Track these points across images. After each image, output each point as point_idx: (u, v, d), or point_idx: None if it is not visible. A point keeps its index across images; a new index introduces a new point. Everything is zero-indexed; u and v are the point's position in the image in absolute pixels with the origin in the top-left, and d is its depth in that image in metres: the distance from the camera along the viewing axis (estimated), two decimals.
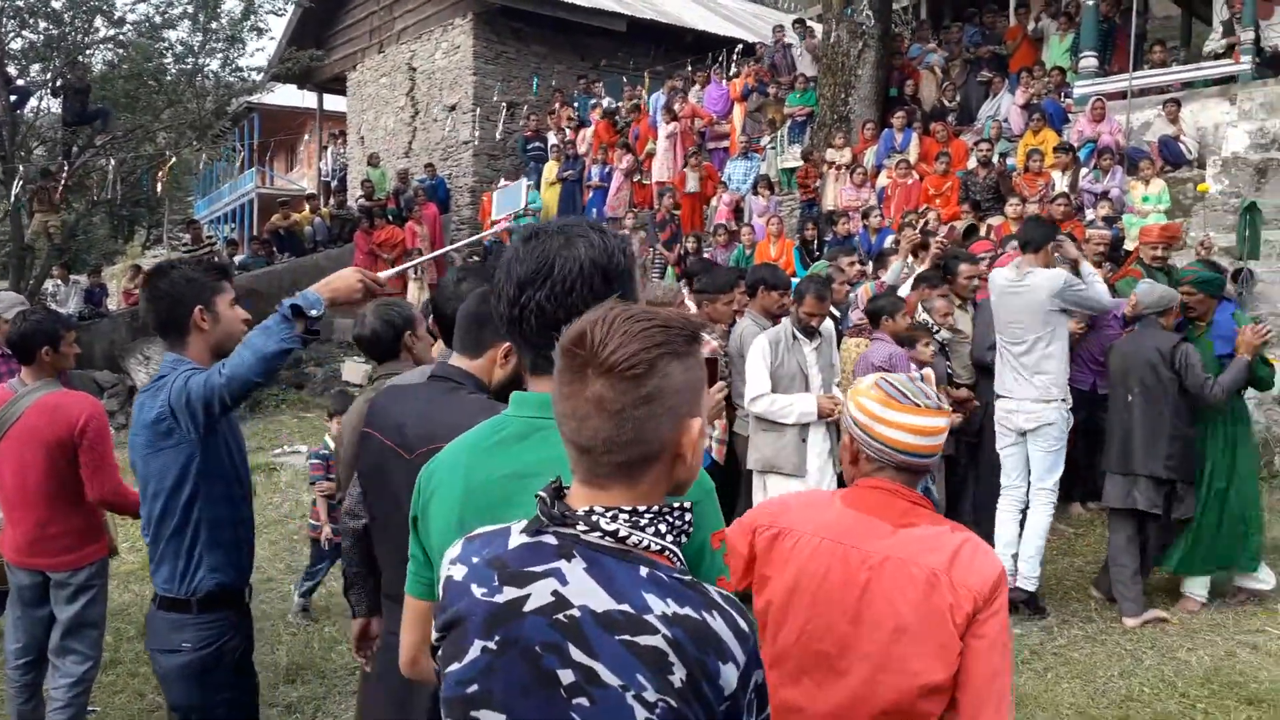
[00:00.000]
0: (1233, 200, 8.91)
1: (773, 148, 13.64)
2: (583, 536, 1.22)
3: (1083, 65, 11.64)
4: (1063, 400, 5.16)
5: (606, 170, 14.42)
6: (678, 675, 1.14)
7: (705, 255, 11.75)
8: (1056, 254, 5.44)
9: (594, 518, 1.22)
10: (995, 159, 10.85)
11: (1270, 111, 10.01)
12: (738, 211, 12.73)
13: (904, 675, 1.79)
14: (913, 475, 1.91)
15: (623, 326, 1.20)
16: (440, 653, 1.29)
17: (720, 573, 1.46)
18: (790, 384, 4.75)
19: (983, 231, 9.48)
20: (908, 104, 12.68)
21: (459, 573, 1.28)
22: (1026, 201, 9.56)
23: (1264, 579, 5.15)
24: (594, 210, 14.31)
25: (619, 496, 1.24)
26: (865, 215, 10.74)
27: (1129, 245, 8.56)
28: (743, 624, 1.21)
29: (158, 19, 14.14)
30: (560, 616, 1.18)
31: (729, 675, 1.16)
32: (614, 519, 1.22)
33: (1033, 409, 5.13)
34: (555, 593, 1.19)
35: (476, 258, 10.68)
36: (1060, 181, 9.94)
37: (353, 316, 3.75)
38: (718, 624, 1.18)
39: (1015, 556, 5.20)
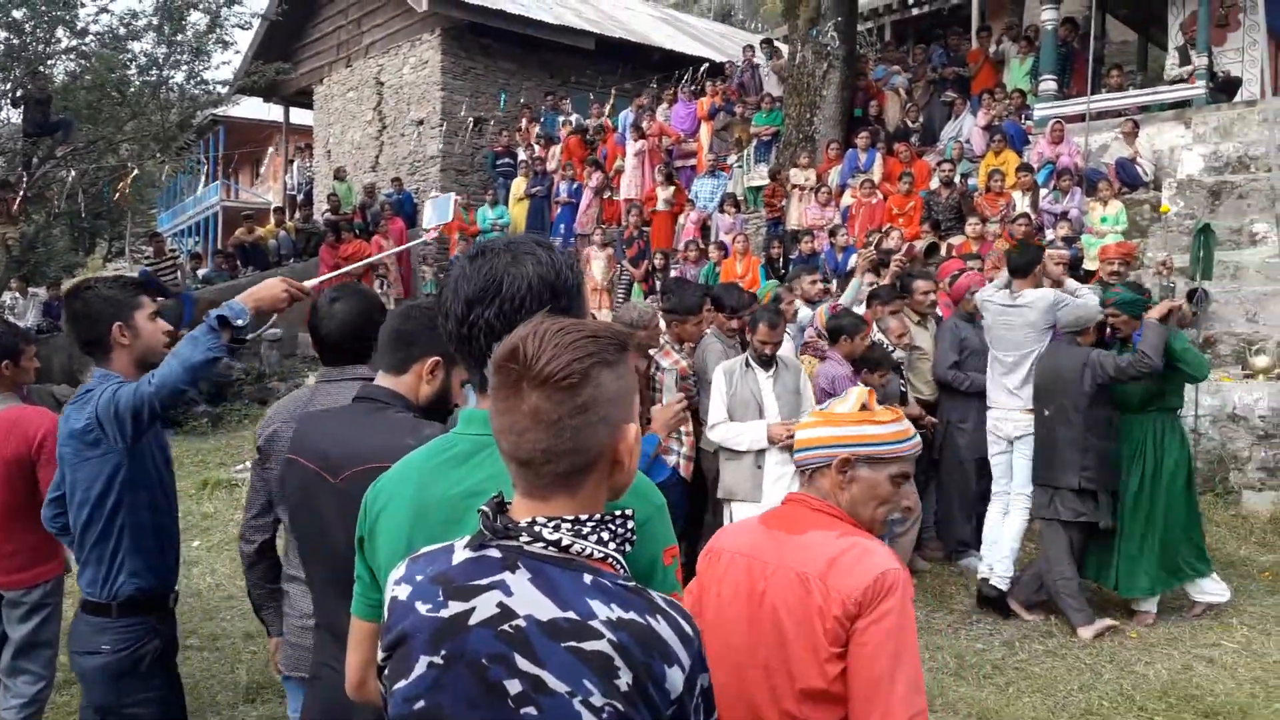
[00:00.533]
0: (1188, 221, 9.10)
1: (739, 166, 13.76)
2: (526, 548, 1.23)
3: (1042, 88, 11.86)
4: None
5: (575, 186, 14.46)
6: (624, 679, 1.16)
7: (675, 272, 11.82)
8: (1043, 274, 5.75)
9: (536, 528, 1.23)
10: (957, 179, 11.02)
11: (1224, 135, 10.26)
12: (705, 229, 12.81)
13: (787, 679, 1.82)
14: (815, 484, 1.97)
15: (554, 339, 1.22)
16: (386, 672, 1.29)
17: (673, 588, 1.46)
18: (744, 412, 4.83)
19: (943, 251, 9.61)
20: (872, 124, 12.84)
21: (403, 592, 1.28)
22: (987, 221, 9.72)
23: (1218, 592, 5.24)
24: (561, 226, 14.35)
25: (560, 506, 1.25)
26: (832, 234, 10.86)
27: (1088, 265, 8.73)
28: (687, 628, 1.22)
29: (122, 30, 13.97)
30: (506, 627, 1.19)
31: (674, 678, 1.18)
32: (556, 529, 1.23)
33: (1020, 418, 5.45)
34: (500, 604, 1.20)
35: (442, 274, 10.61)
36: (1021, 202, 10.11)
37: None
38: (662, 628, 1.19)
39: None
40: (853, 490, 1.93)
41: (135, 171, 16.10)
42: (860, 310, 6.18)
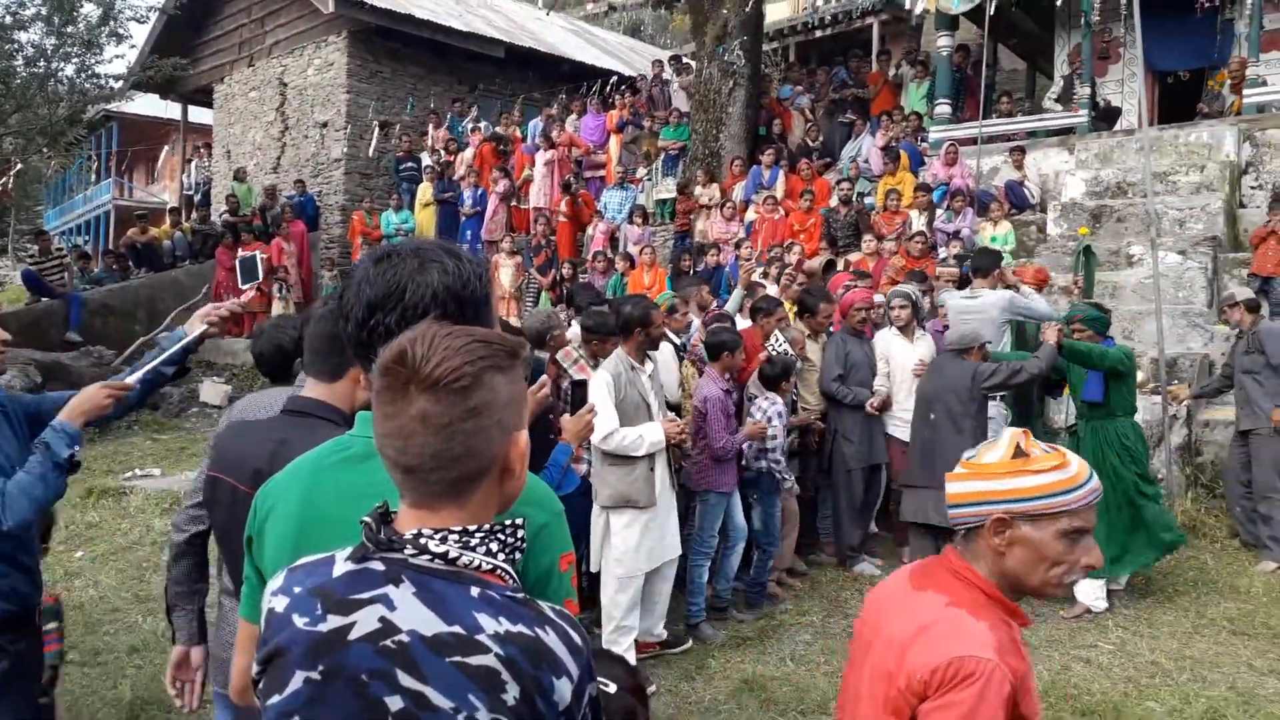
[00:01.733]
0: (1070, 242, 9.56)
1: (648, 179, 13.92)
2: (411, 560, 1.19)
3: (938, 112, 12.34)
4: (1001, 399, 5.94)
5: (481, 193, 14.41)
6: (511, 693, 1.14)
7: (583, 280, 11.89)
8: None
9: (422, 540, 1.19)
10: (855, 198, 11.35)
11: (1104, 161, 10.82)
12: (614, 240, 12.91)
13: None
14: (970, 545, 1.74)
15: (444, 342, 1.19)
16: (260, 685, 1.24)
17: (568, 595, 1.44)
18: (635, 414, 4.75)
19: (840, 266, 9.89)
20: (776, 142, 13.14)
21: (280, 604, 1.23)
22: (883, 239, 10.04)
23: (1097, 601, 5.43)
24: (468, 233, 14.27)
25: (448, 517, 1.22)
26: (736, 248, 11.06)
27: None
28: (576, 638, 1.21)
29: (8, 19, 13.42)
30: (388, 643, 1.15)
31: (563, 690, 1.17)
32: (443, 540, 1.20)
33: None
34: (382, 619, 1.16)
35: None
36: (917, 220, 10.47)
37: (221, 336, 3.68)
38: (551, 639, 1.18)
39: None
40: (1015, 553, 1.66)
41: (20, 166, 15.42)
42: (745, 324, 6.32)
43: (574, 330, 5.87)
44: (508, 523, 1.25)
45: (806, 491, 6.39)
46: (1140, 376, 7.95)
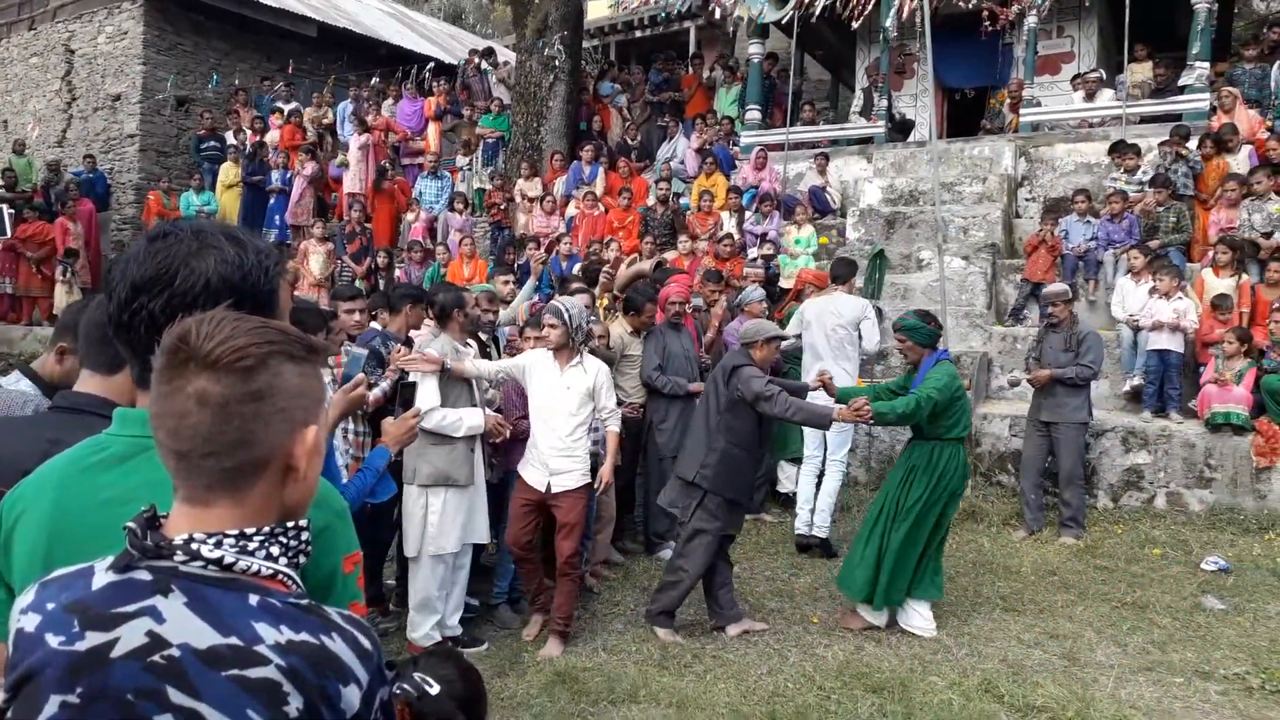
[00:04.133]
0: (867, 246, 10.19)
1: (469, 169, 13.78)
2: (182, 568, 1.11)
3: (748, 117, 12.84)
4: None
5: (289, 176, 13.86)
6: (294, 705, 1.08)
7: (399, 272, 11.66)
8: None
9: (194, 546, 1.11)
10: (671, 197, 11.67)
11: (899, 170, 11.57)
12: (432, 230, 12.73)
13: None
14: None
15: (233, 323, 1.13)
16: (9, 714, 1.14)
17: (354, 598, 1.39)
18: (458, 398, 4.88)
19: (665, 263, 10.16)
20: (596, 139, 13.30)
21: (31, 622, 1.12)
22: (697, 239, 10.38)
23: (925, 625, 5.38)
24: (275, 217, 13.72)
25: (223, 516, 1.14)
26: (556, 242, 11.15)
27: (784, 283, 9.59)
28: (365, 642, 1.16)
29: None
30: (157, 658, 1.07)
31: (350, 697, 1.12)
32: (218, 545, 1.12)
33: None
34: (150, 633, 1.08)
35: None
36: (728, 222, 10.88)
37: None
38: (338, 645, 1.12)
39: (812, 511, 6.75)
40: None
41: None
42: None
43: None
44: (290, 524, 1.18)
45: (621, 480, 6.58)
46: None
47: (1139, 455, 7.57)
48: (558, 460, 4.96)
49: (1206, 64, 10.67)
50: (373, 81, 15.95)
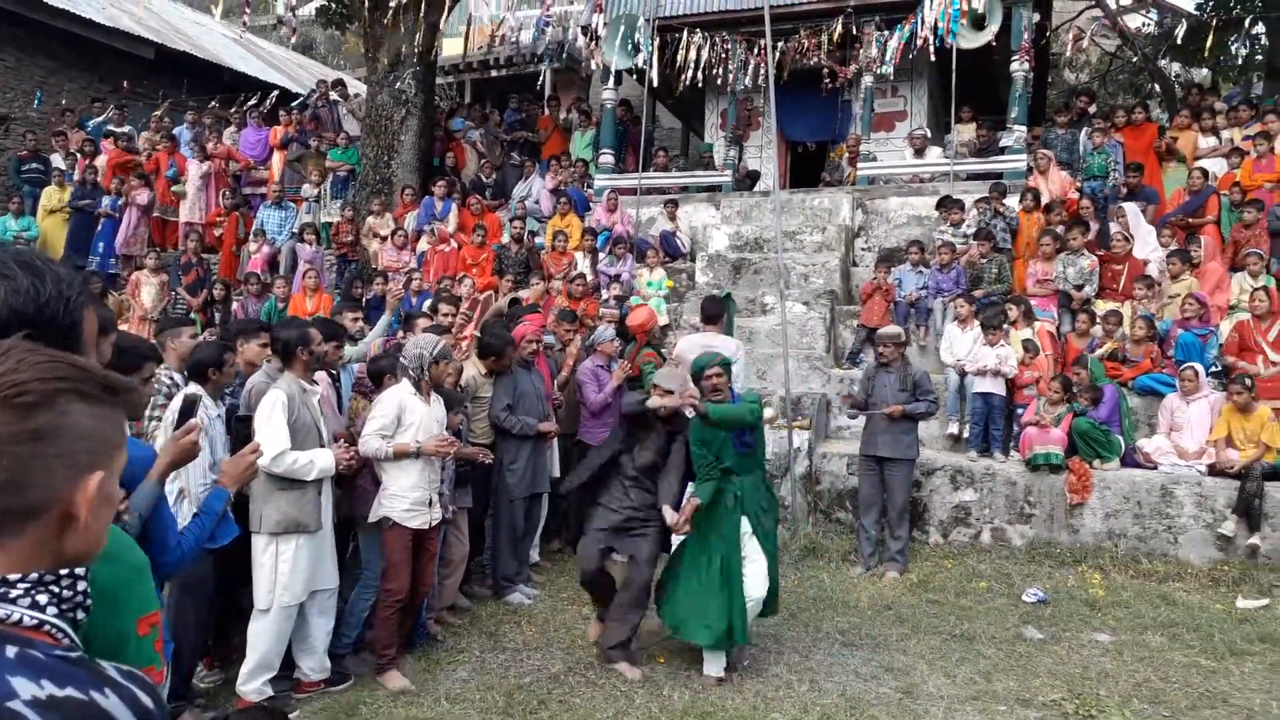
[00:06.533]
0: (715, 290, 10.45)
1: (317, 201, 13.41)
2: None
3: (602, 161, 13.04)
4: None
5: (119, 202, 13.14)
6: None
7: (236, 305, 11.19)
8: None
9: None
10: (526, 236, 11.69)
11: (744, 218, 11.97)
12: (274, 263, 12.27)
13: None
14: None
15: (23, 355, 1.06)
16: None
17: (149, 662, 1.30)
18: (307, 438, 4.69)
19: (521, 301, 10.14)
20: (449, 175, 13.21)
21: None
22: (552, 278, 10.42)
23: (717, 668, 5.35)
24: (101, 244, 12.97)
25: None
26: (408, 277, 10.96)
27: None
28: (145, 700, 1.05)
29: None
30: None
31: None
32: None
33: None
34: None
35: None
36: (582, 262, 10.98)
37: None
38: (111, 703, 1.01)
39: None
40: None
41: None
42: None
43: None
44: (63, 573, 1.08)
45: (474, 519, 6.48)
46: (770, 413, 8.86)
47: (966, 493, 8.00)
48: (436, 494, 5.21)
49: (1024, 127, 11.56)
50: (210, 106, 15.35)
